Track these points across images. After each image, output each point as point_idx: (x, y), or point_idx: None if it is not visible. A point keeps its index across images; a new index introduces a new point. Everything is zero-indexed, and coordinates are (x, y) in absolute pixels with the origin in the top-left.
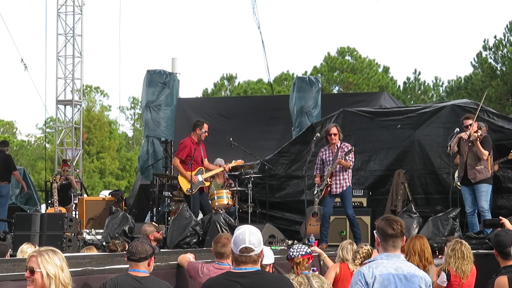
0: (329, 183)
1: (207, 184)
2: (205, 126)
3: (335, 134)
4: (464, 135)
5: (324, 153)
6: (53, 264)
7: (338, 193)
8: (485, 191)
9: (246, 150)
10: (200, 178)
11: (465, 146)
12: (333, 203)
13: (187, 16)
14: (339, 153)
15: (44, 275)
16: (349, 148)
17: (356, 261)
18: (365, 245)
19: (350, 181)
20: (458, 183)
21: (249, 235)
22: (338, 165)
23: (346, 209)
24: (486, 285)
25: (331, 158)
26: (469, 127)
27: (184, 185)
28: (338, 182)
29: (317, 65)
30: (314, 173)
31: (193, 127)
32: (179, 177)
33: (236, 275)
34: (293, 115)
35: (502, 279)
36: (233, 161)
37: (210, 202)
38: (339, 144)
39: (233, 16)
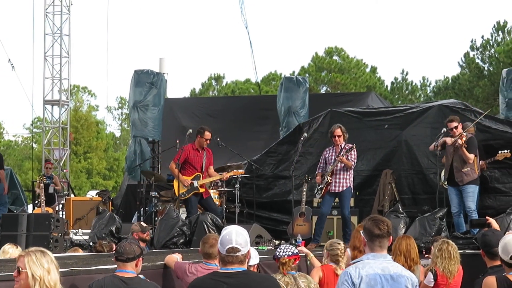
0: (329, 181)
1: (202, 190)
2: (207, 134)
3: (339, 136)
4: (449, 140)
5: (328, 152)
6: (39, 265)
7: (337, 191)
8: (472, 191)
9: (233, 150)
10: (195, 183)
11: (451, 148)
12: (332, 202)
13: (174, 16)
14: (342, 152)
15: (29, 276)
16: (350, 145)
17: (340, 263)
18: (339, 243)
19: (351, 182)
20: (445, 183)
21: (236, 235)
22: (339, 163)
23: (343, 209)
24: (473, 285)
25: (333, 157)
26: (453, 129)
27: (176, 189)
28: (338, 180)
29: (304, 65)
30: (316, 172)
31: (196, 133)
32: (174, 181)
33: (223, 275)
34: (280, 115)
35: (491, 279)
36: (233, 170)
37: None
38: (343, 145)
39: (220, 16)
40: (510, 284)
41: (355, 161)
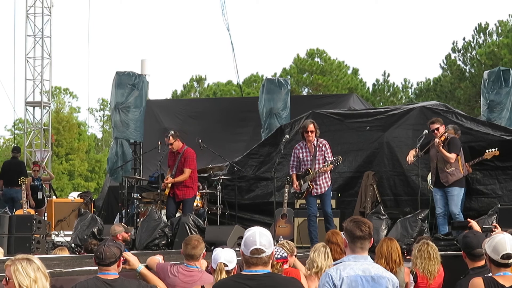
0: (311, 187)
1: (166, 192)
2: (166, 139)
3: (312, 132)
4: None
5: (300, 151)
6: (25, 275)
7: (319, 193)
8: (456, 195)
9: (215, 152)
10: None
11: (434, 150)
12: (316, 202)
13: (156, 17)
14: (318, 153)
15: (16, 286)
16: (327, 147)
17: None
18: (287, 242)
19: (330, 180)
20: (432, 186)
21: (260, 237)
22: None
23: (324, 206)
24: (455, 287)
25: (309, 158)
26: (435, 131)
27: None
28: (319, 183)
29: (286, 66)
30: (290, 172)
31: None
32: None
33: (246, 278)
34: (262, 117)
35: (478, 281)
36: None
37: None
38: (315, 142)
39: (202, 18)
40: (498, 285)
41: (332, 158)
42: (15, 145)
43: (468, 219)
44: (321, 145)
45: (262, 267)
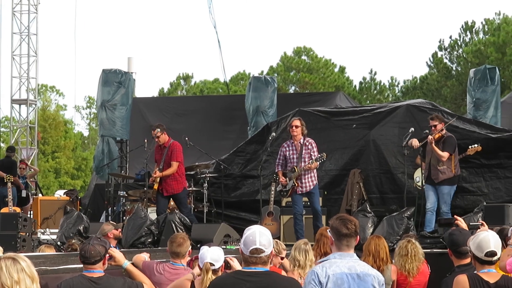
0: (296, 185)
1: (155, 187)
2: (153, 132)
3: (296, 126)
4: (415, 143)
5: (287, 149)
6: (8, 276)
7: (305, 192)
8: (447, 193)
9: (201, 150)
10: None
11: (430, 147)
12: (302, 200)
13: (143, 15)
14: (304, 151)
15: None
16: (313, 145)
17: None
18: (277, 242)
19: (316, 178)
20: (419, 184)
21: (260, 236)
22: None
23: (313, 204)
24: (440, 284)
25: (295, 156)
26: (432, 127)
27: None
28: (304, 181)
29: (273, 64)
30: (276, 170)
31: None
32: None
33: (245, 274)
34: (249, 115)
35: (462, 278)
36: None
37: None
38: (302, 141)
39: (189, 16)
40: (482, 282)
41: (318, 155)
42: (10, 145)
43: (455, 216)
44: (307, 143)
45: (262, 266)
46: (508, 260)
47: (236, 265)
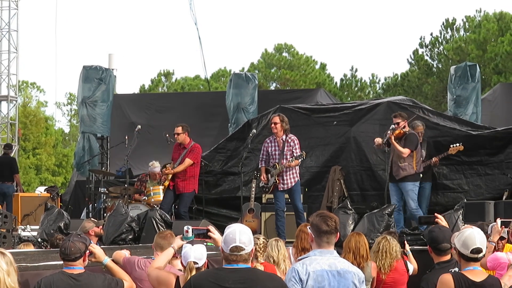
0: (278, 182)
1: (165, 184)
2: (176, 128)
3: (275, 123)
4: (378, 140)
5: (270, 145)
6: (0, 268)
7: (286, 188)
8: (411, 189)
9: None
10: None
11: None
12: (284, 197)
13: (123, 11)
14: (286, 148)
15: None
16: (296, 142)
17: (259, 258)
18: (258, 238)
19: (298, 175)
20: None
21: (240, 234)
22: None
23: (295, 201)
24: (420, 281)
25: (277, 153)
26: (395, 125)
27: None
28: (286, 178)
29: (254, 61)
30: (259, 165)
31: None
32: None
33: (228, 270)
34: (229, 112)
35: (447, 277)
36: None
37: (146, 198)
38: (284, 137)
39: (170, 12)
40: (467, 281)
41: (299, 153)
42: (7, 143)
43: (435, 214)
44: (289, 140)
45: (243, 264)
46: (488, 257)
47: (217, 237)
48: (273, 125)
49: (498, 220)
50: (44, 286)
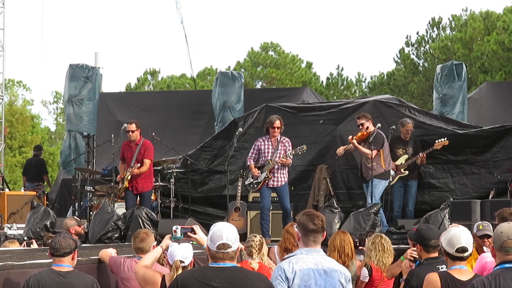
0: (269, 177)
1: (126, 185)
2: (128, 125)
3: (278, 128)
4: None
5: (263, 144)
6: None
7: (275, 186)
8: (376, 185)
9: (168, 145)
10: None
11: (364, 145)
12: (270, 195)
13: (110, 10)
14: (280, 147)
15: None
16: (289, 144)
17: (254, 256)
18: (255, 236)
19: (287, 177)
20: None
21: (227, 232)
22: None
23: (283, 201)
24: (407, 277)
25: (270, 150)
26: (359, 126)
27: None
28: (277, 176)
29: (240, 60)
30: (248, 163)
31: None
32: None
33: (215, 269)
34: (215, 110)
35: (433, 276)
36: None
37: None
38: (279, 138)
39: (156, 11)
40: (454, 280)
41: (292, 154)
42: (37, 144)
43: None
44: (284, 141)
45: (229, 261)
46: (474, 267)
47: (199, 237)
48: (275, 129)
49: None
50: (32, 283)
